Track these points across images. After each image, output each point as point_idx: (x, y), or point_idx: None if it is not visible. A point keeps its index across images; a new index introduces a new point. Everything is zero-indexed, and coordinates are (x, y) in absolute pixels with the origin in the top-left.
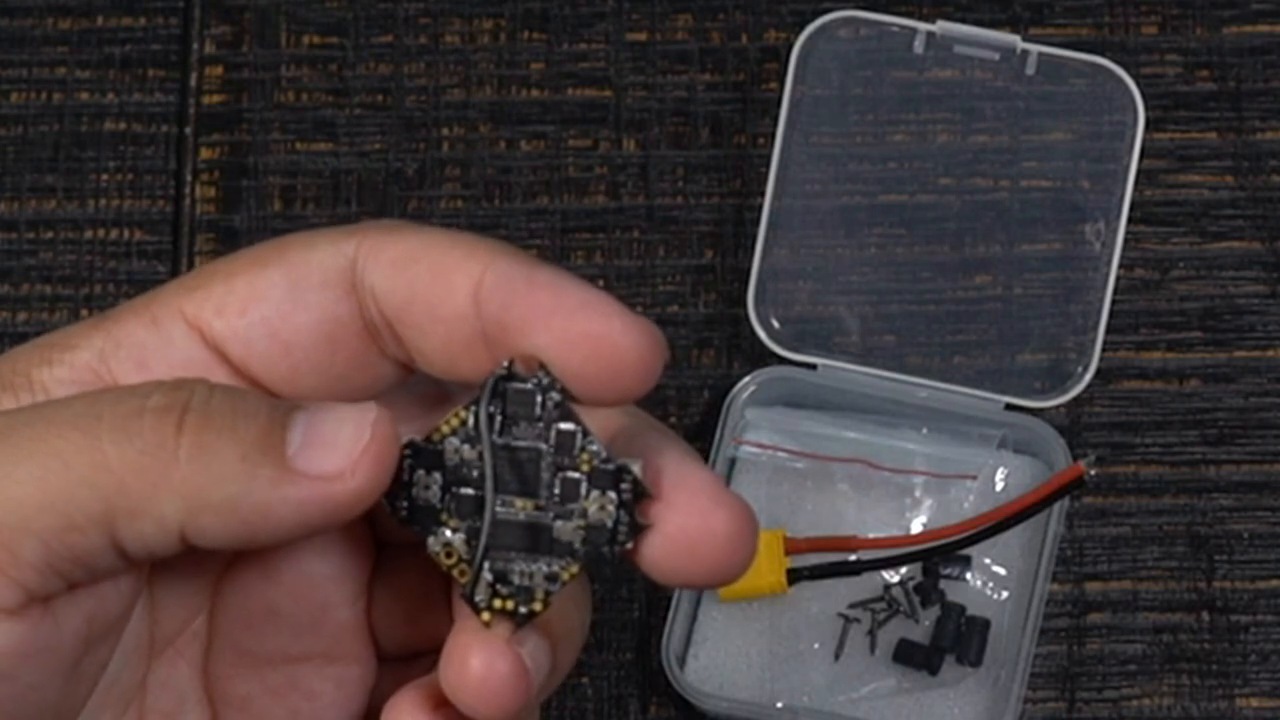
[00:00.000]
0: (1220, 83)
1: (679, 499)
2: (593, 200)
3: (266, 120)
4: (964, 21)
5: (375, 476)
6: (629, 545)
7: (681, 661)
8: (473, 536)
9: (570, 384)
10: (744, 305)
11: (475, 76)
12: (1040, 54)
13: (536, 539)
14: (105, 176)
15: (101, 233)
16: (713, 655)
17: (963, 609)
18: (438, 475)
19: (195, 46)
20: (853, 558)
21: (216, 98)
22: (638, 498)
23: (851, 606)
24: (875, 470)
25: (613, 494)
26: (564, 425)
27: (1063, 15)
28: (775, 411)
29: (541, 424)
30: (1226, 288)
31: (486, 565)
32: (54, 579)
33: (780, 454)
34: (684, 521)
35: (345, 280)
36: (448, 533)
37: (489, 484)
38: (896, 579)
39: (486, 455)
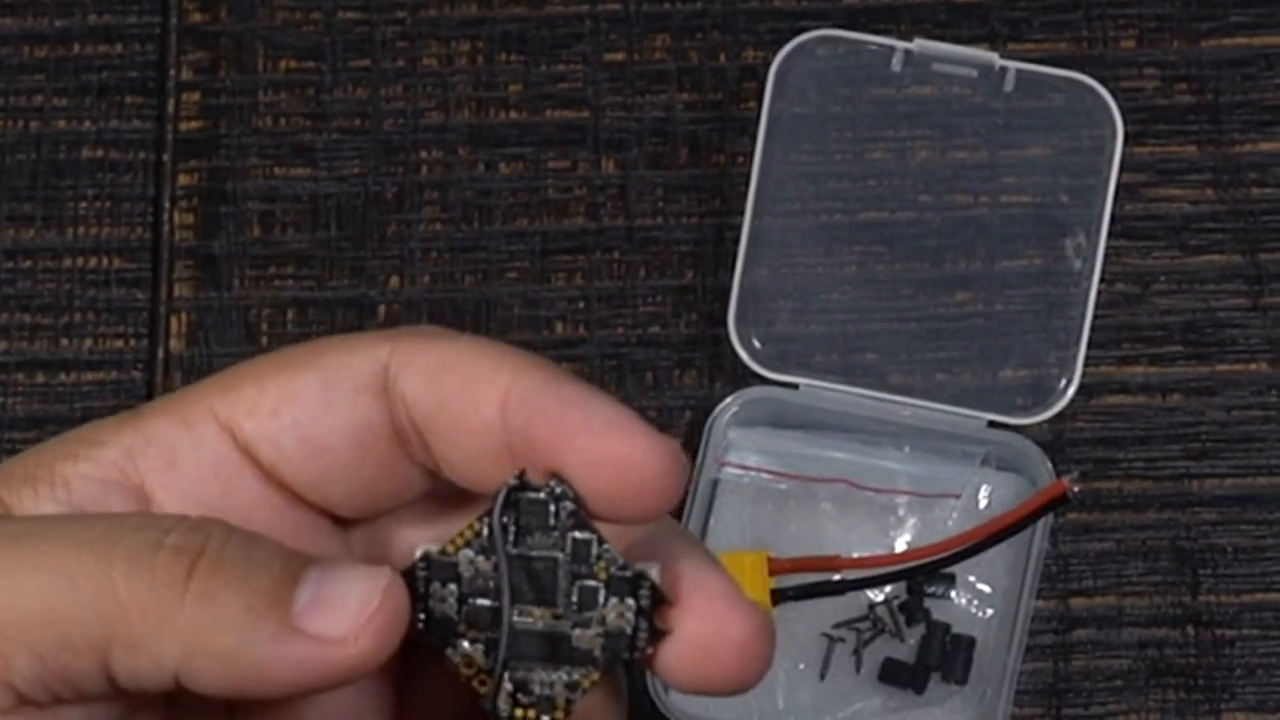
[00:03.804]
0: (1199, 95)
1: (695, 605)
2: (572, 222)
3: (244, 145)
4: (942, 39)
5: (379, 645)
6: (649, 651)
7: (667, 685)
8: (491, 647)
9: (594, 502)
10: (725, 325)
11: (453, 99)
12: (1018, 70)
13: (555, 648)
14: (83, 204)
15: (80, 261)
16: None
17: (948, 627)
18: (453, 587)
19: (172, 73)
20: (837, 577)
21: (194, 124)
22: (656, 604)
23: (836, 626)
24: (858, 489)
25: (631, 601)
26: (579, 534)
27: (1040, 31)
28: (758, 432)
29: (556, 533)
30: (1208, 301)
31: (507, 676)
32: (42, 692)
33: (763, 474)
34: (700, 627)
35: (378, 385)
36: (466, 644)
37: (505, 595)
38: (881, 598)
39: (503, 566)
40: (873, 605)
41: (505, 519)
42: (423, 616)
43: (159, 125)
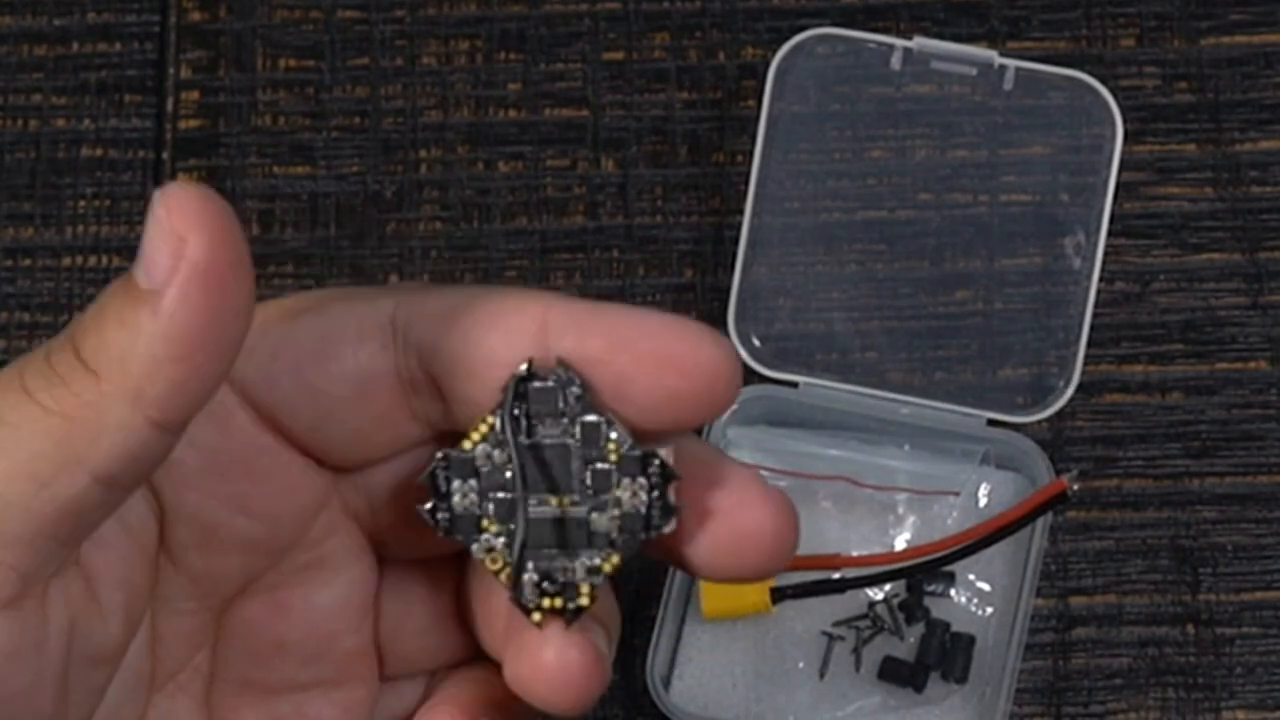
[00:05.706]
0: (1199, 94)
1: (726, 496)
2: (571, 220)
3: (244, 144)
4: (941, 37)
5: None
6: (665, 529)
7: (666, 682)
8: (512, 539)
9: (656, 407)
10: (724, 324)
11: (452, 98)
12: (1018, 68)
13: (574, 534)
14: (83, 203)
15: (80, 260)
16: (698, 675)
17: (947, 625)
18: (473, 483)
19: (171, 71)
20: (837, 576)
21: (193, 123)
22: (666, 480)
23: (836, 625)
24: (858, 488)
25: (643, 479)
26: (588, 418)
27: (1040, 29)
28: (757, 430)
29: (566, 419)
30: (1207, 300)
31: (530, 566)
32: (48, 546)
33: (763, 472)
34: (734, 519)
35: (383, 334)
36: (489, 538)
37: (519, 485)
38: (881, 596)
39: (514, 456)
40: (872, 603)
41: (516, 410)
42: (447, 515)
43: (158, 124)
